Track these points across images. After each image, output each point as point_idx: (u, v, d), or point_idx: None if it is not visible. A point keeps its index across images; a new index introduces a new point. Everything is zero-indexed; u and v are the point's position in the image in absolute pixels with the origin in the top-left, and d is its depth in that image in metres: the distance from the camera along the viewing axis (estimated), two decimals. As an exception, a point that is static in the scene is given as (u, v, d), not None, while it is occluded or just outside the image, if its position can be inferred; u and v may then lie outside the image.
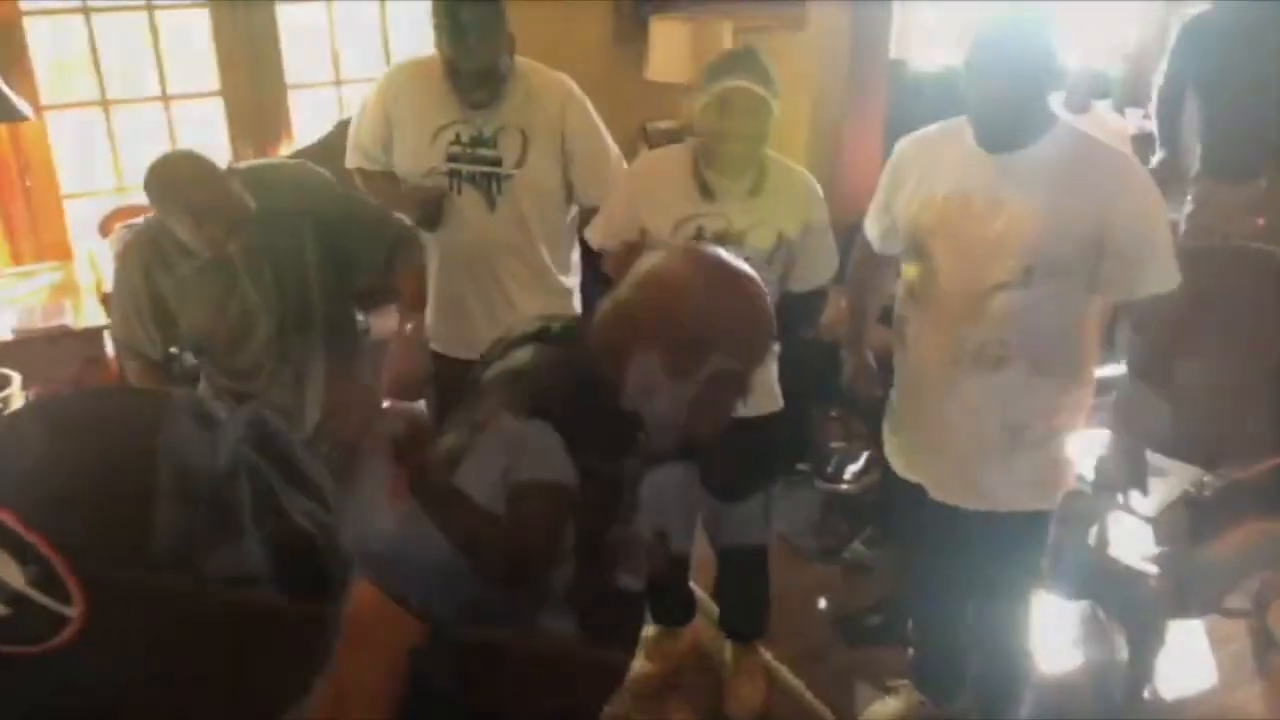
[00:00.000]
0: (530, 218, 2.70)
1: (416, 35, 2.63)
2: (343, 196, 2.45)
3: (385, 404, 2.41)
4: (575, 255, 2.90)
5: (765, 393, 2.53)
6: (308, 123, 4.07)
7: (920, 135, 2.26)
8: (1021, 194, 2.01)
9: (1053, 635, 2.92)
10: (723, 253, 1.54)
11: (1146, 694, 2.76)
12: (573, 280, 2.86)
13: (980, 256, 2.05)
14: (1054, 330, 2.07)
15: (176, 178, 2.15)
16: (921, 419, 2.28)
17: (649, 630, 2.89)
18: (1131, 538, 2.77)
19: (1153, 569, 2.70)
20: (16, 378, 2.94)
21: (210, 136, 3.88)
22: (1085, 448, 2.75)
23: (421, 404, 2.70)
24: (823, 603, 3.21)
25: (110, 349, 3.31)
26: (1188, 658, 2.92)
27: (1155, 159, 3.86)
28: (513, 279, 2.69)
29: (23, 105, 3.33)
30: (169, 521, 0.53)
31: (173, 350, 2.43)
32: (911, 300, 2.22)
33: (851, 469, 3.57)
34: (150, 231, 2.30)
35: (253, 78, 3.89)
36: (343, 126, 3.51)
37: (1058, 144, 2.02)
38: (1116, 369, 2.45)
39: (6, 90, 3.28)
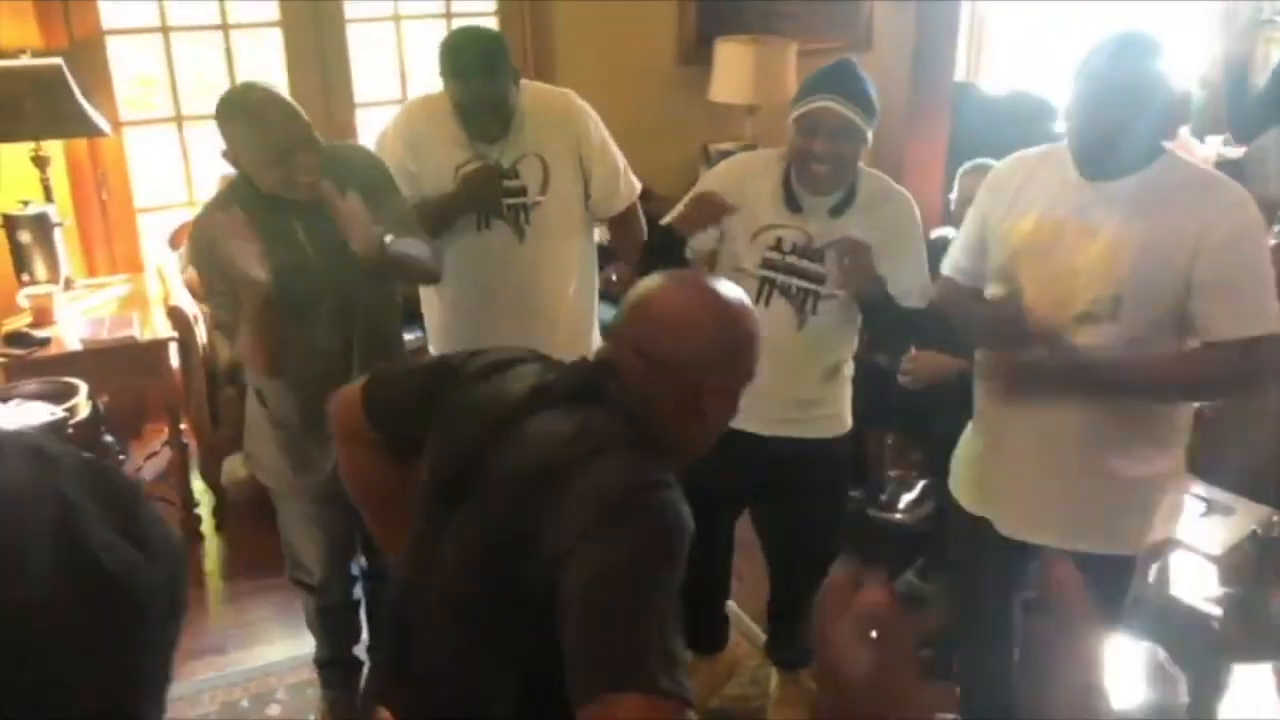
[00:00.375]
0: (558, 245, 2.71)
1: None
2: (400, 196, 2.46)
3: None
4: (596, 283, 2.91)
5: (845, 413, 2.51)
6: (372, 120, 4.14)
7: (1017, 157, 2.18)
8: (1116, 222, 1.92)
9: (1112, 676, 2.82)
10: (720, 282, 1.51)
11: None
12: (593, 306, 2.88)
13: (1068, 284, 1.97)
14: None
15: (253, 99, 2.15)
16: (999, 452, 2.19)
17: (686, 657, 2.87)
18: (1196, 577, 2.68)
19: (1216, 610, 2.60)
20: (84, 387, 3.03)
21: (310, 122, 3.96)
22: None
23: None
24: (872, 634, 3.13)
25: (174, 361, 3.40)
26: (1254, 705, 2.81)
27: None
28: (544, 309, 2.70)
29: (101, 121, 3.45)
30: None
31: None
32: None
33: (906, 498, 3.50)
34: (220, 203, 2.28)
35: (323, 95, 3.97)
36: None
37: (1161, 174, 1.93)
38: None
39: (87, 107, 3.40)
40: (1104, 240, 1.93)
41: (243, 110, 2.15)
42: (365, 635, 2.74)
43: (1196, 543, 2.70)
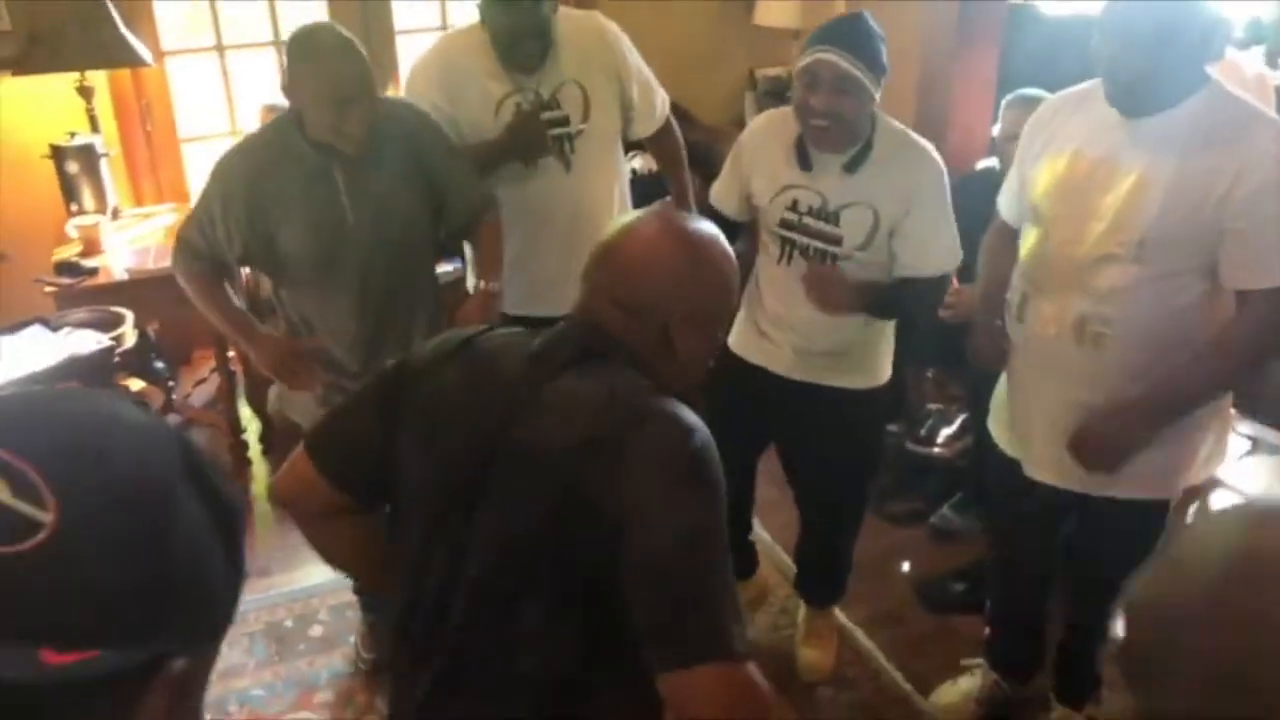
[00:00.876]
0: (603, 171, 2.69)
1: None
2: (450, 146, 2.43)
3: None
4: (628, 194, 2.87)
5: (882, 363, 2.47)
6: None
7: (1062, 95, 2.10)
8: (1147, 161, 1.85)
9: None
10: (688, 218, 1.50)
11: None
12: None
13: (1091, 225, 1.91)
14: (1164, 314, 1.90)
15: (323, 40, 2.13)
16: (1024, 393, 2.17)
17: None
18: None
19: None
20: (130, 316, 3.09)
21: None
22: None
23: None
24: (906, 566, 3.15)
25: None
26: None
27: None
28: (591, 234, 2.66)
29: (144, 51, 3.48)
30: (127, 455, 0.65)
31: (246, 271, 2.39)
32: (1022, 268, 2.10)
33: (945, 432, 3.47)
34: (264, 139, 2.27)
35: (362, 23, 3.94)
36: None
37: (1200, 109, 1.83)
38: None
39: (129, 36, 3.43)
40: (1133, 180, 1.86)
41: (314, 51, 2.13)
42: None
43: (1237, 483, 2.64)
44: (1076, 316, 1.97)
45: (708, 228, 1.47)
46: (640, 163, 3.78)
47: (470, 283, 2.69)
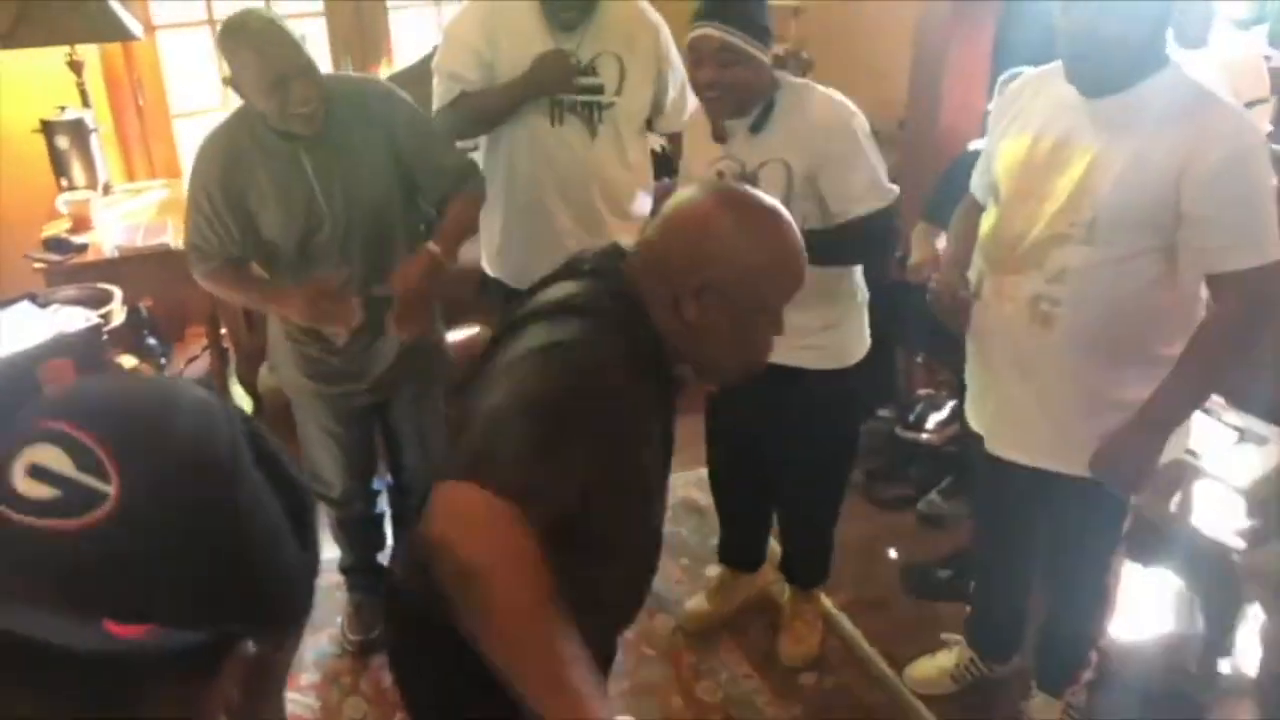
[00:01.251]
0: (627, 144, 2.71)
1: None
2: (423, 119, 2.43)
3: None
4: (651, 179, 2.90)
5: (849, 345, 2.46)
6: (409, 43, 4.10)
7: (1027, 75, 2.12)
8: (1102, 142, 1.86)
9: (1128, 601, 2.82)
10: (746, 190, 1.49)
11: (1223, 668, 2.65)
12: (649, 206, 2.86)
13: (1044, 205, 1.93)
14: (1116, 296, 1.91)
15: (251, 25, 2.13)
16: (984, 370, 2.20)
17: (714, 570, 2.91)
18: (1221, 508, 2.64)
19: (1239, 543, 2.56)
20: (118, 293, 3.08)
21: (312, 55, 3.93)
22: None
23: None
24: (893, 552, 3.16)
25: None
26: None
27: None
28: (607, 206, 2.70)
29: (134, 24, 3.45)
30: (189, 432, 0.66)
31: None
32: (981, 246, 2.12)
33: (935, 418, 3.47)
34: (229, 127, 2.29)
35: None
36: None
37: (1159, 90, 1.84)
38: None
39: (120, 10, 3.40)
40: (1088, 161, 1.87)
41: (242, 35, 2.13)
42: (390, 543, 2.83)
43: (1223, 473, 2.64)
44: (1030, 295, 1.99)
45: (755, 199, 1.44)
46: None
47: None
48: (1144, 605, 2.88)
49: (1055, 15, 1.86)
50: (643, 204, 2.82)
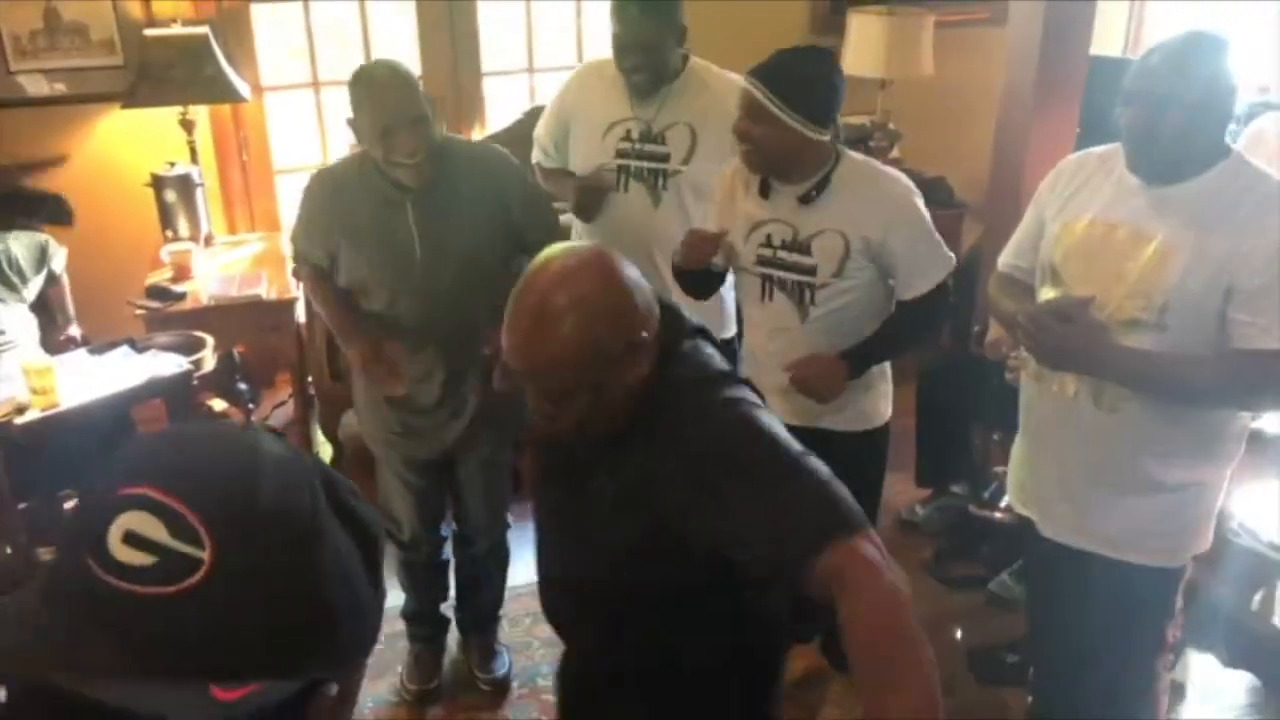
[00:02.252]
0: (691, 213, 2.75)
1: (607, 30, 2.70)
2: (529, 185, 2.58)
3: None
4: None
5: (868, 409, 2.44)
6: (501, 109, 4.24)
7: (1082, 155, 2.13)
8: (1169, 229, 1.85)
9: (1207, 702, 2.70)
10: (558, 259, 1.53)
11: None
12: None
13: (1115, 290, 1.91)
14: None
15: (375, 75, 2.27)
16: (1039, 452, 2.17)
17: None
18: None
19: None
20: (210, 340, 3.23)
21: (430, 112, 4.10)
22: (1249, 501, 2.53)
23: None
24: (959, 633, 3.08)
25: (300, 316, 3.59)
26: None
27: None
28: (666, 267, 2.72)
29: (242, 87, 3.64)
30: (273, 489, 0.68)
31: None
32: None
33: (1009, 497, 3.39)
34: (344, 162, 2.47)
35: (451, 65, 4.08)
36: (532, 114, 3.66)
37: (1220, 180, 1.84)
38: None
39: (230, 73, 3.60)
40: (1155, 247, 1.86)
41: (365, 82, 2.27)
42: (452, 595, 2.88)
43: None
44: (1097, 384, 1.96)
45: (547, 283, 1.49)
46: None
47: None
48: (1222, 700, 2.75)
49: (1119, 107, 1.87)
50: None
